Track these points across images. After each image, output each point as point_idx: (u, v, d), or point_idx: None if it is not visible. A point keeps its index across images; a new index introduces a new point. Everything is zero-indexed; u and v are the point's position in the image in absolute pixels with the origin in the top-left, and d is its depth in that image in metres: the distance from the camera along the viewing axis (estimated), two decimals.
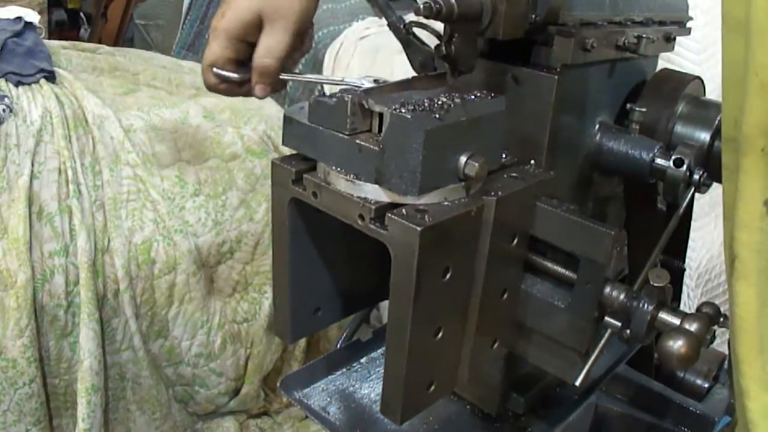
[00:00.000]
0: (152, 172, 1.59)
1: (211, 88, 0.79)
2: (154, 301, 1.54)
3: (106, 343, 1.49)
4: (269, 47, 0.73)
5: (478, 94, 0.61)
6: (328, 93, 0.87)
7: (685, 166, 0.72)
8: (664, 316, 0.61)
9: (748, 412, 0.52)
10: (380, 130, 0.57)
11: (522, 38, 0.64)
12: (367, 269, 0.75)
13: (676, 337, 0.57)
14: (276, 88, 0.77)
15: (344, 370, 0.88)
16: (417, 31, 0.79)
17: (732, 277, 0.51)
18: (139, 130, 1.63)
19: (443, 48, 0.62)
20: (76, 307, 1.44)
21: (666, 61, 0.88)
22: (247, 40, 0.74)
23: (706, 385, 0.98)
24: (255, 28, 0.73)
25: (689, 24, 0.89)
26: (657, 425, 0.92)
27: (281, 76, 0.75)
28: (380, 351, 0.91)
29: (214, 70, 0.76)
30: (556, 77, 0.66)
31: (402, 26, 0.81)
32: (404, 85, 0.64)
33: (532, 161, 0.68)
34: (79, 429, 1.44)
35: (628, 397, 0.95)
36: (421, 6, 0.56)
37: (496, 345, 0.68)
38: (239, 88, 0.78)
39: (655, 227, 0.82)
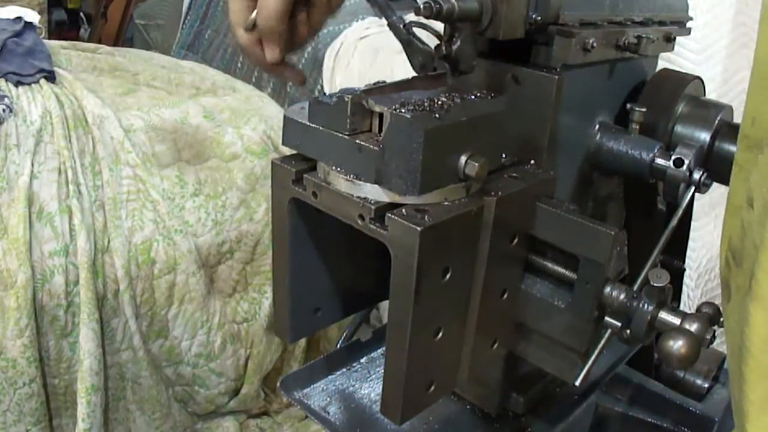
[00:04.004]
0: (152, 172, 1.58)
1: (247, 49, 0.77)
2: (154, 301, 1.54)
3: (105, 343, 1.49)
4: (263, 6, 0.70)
5: (478, 94, 0.61)
6: (328, 93, 0.87)
7: (685, 166, 0.72)
8: (664, 316, 0.61)
9: None
10: (380, 130, 0.57)
11: (522, 38, 0.64)
12: (367, 269, 0.75)
13: (676, 337, 0.57)
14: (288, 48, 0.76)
15: (344, 370, 0.88)
16: (417, 31, 0.79)
17: (747, 295, 0.50)
18: (139, 130, 1.63)
19: (443, 48, 0.62)
20: (76, 307, 1.44)
21: (666, 61, 0.88)
22: None
23: (706, 385, 0.98)
24: None
25: (689, 24, 0.89)
26: (657, 425, 0.92)
27: None
28: (380, 351, 0.91)
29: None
30: (556, 77, 0.66)
31: (402, 26, 0.81)
32: (404, 85, 0.64)
33: (532, 161, 0.68)
34: (79, 429, 1.45)
35: (628, 397, 0.95)
36: (421, 6, 0.56)
37: (496, 345, 0.68)
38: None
39: (655, 227, 0.82)
